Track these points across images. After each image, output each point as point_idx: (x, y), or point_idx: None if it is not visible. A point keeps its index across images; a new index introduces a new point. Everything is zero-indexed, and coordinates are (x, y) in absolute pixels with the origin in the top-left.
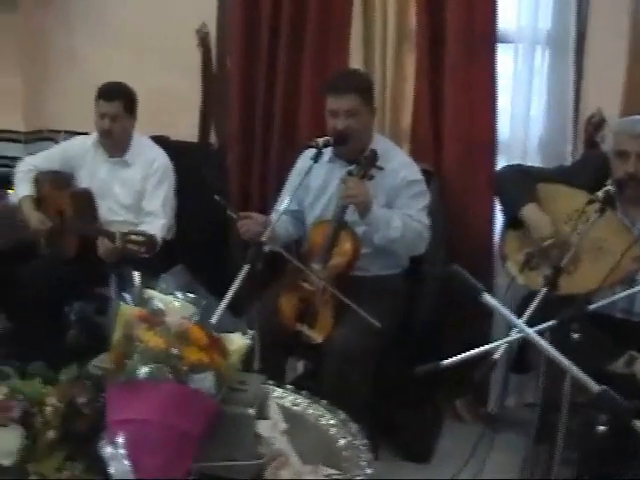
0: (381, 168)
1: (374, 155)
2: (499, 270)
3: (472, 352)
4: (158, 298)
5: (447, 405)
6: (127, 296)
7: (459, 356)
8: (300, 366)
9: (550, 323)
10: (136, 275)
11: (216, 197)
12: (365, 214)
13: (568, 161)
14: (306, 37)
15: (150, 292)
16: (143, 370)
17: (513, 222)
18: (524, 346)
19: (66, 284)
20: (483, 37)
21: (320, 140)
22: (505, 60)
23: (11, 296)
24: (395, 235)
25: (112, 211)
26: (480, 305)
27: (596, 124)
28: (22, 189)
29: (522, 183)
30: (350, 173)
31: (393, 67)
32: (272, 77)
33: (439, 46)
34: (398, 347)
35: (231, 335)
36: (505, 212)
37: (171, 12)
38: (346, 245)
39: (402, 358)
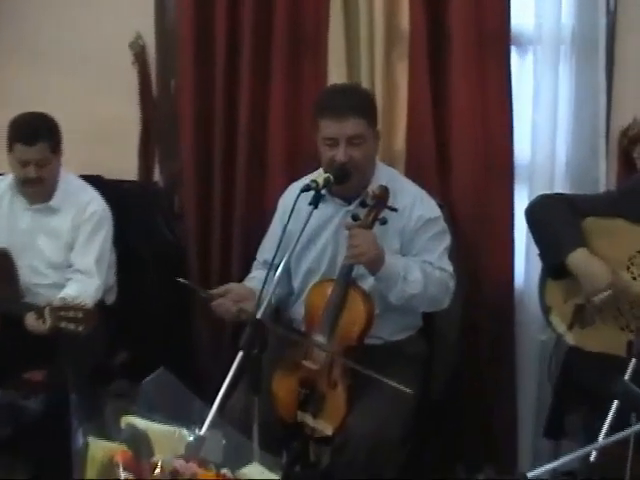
0: (395, 209)
1: (385, 193)
2: (522, 319)
3: (564, 459)
4: (139, 425)
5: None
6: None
7: (549, 465)
8: None
9: None
10: (110, 401)
11: (180, 280)
12: (376, 270)
13: (602, 184)
14: (273, 49)
15: (128, 419)
16: None
17: (557, 270)
18: (559, 409)
19: None
20: (494, 38)
21: (320, 179)
22: (522, 65)
23: None
24: (415, 291)
25: (37, 272)
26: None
27: (632, 137)
28: None
29: (566, 220)
30: (355, 217)
31: (382, 76)
32: (233, 101)
33: (439, 50)
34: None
35: (249, 470)
36: (545, 258)
37: (105, 27)
38: (357, 309)
39: (418, 428)
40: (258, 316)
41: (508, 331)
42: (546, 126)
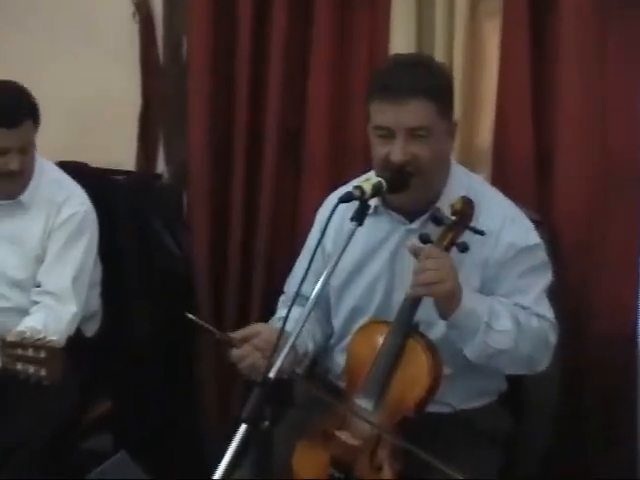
0: (481, 232)
1: (468, 208)
2: None
3: None
4: None
5: None
6: None
7: None
8: None
9: None
10: None
11: (189, 315)
12: (450, 310)
13: None
14: (316, 10)
15: None
16: None
17: None
18: None
19: None
20: None
21: (367, 185)
22: None
23: None
24: (503, 345)
25: None
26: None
27: None
28: None
29: None
30: (425, 239)
31: (464, 47)
32: (261, 71)
33: (544, 10)
34: None
35: None
36: None
37: None
38: (418, 366)
39: None
40: (271, 374)
41: (630, 405)
42: None
